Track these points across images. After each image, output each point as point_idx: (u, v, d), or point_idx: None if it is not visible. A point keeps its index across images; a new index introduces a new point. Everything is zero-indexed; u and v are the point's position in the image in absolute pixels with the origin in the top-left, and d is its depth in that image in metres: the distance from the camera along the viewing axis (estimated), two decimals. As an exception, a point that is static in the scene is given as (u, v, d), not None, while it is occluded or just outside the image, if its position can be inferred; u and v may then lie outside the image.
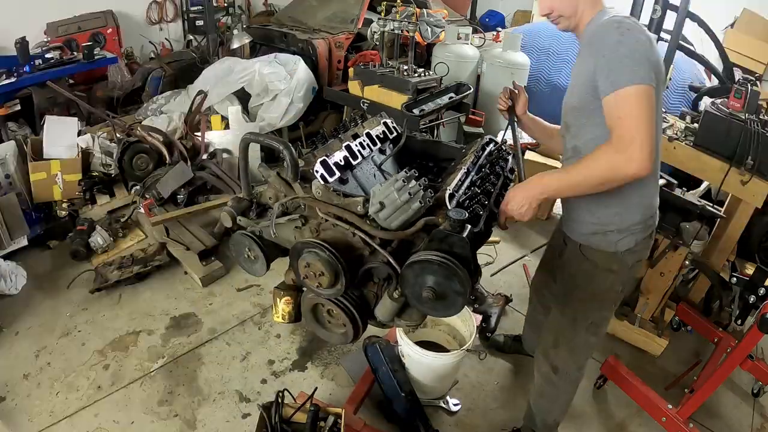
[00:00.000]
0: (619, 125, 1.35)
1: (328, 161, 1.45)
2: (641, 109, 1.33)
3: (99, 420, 2.36)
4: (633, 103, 1.33)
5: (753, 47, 4.88)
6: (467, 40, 4.55)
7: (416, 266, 1.18)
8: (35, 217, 3.54)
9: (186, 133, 4.46)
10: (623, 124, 1.34)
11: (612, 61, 1.36)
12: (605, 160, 1.37)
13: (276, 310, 2.62)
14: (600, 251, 1.69)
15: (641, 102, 1.33)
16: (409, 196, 1.16)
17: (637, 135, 1.32)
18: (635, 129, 1.32)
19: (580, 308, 1.83)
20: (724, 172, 2.53)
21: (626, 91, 1.33)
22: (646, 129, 1.32)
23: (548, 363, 2.00)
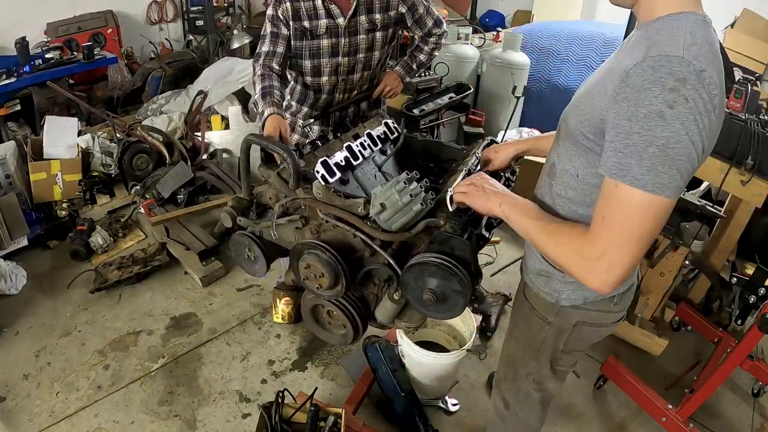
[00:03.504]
0: (600, 226, 1.01)
1: (328, 162, 1.45)
2: (637, 227, 0.98)
3: (99, 420, 2.36)
4: (631, 215, 0.97)
5: (753, 47, 4.87)
6: (467, 40, 4.55)
7: (416, 269, 1.18)
8: (35, 217, 3.54)
9: (186, 133, 4.46)
10: (603, 230, 1.01)
11: (636, 138, 0.94)
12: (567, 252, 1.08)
13: (276, 311, 2.62)
14: (540, 296, 1.39)
15: (643, 219, 0.97)
16: (410, 197, 1.16)
17: (612, 254, 1.00)
18: (613, 246, 0.99)
19: (517, 351, 1.57)
20: (724, 172, 2.53)
21: (630, 195, 0.96)
22: (630, 254, 0.99)
23: (500, 396, 1.73)
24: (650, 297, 2.80)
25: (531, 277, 1.42)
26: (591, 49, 4.52)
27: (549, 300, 1.37)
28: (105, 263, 3.27)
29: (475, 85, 4.58)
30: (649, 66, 0.93)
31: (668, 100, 0.91)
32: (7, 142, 3.74)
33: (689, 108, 0.91)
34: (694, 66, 0.92)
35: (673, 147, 0.92)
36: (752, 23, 5.09)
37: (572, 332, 1.39)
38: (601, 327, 1.39)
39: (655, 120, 0.92)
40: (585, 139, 1.13)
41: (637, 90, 0.94)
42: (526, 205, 1.20)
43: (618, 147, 0.97)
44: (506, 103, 4.41)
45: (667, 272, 2.67)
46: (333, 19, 2.13)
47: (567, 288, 1.32)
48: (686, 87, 0.91)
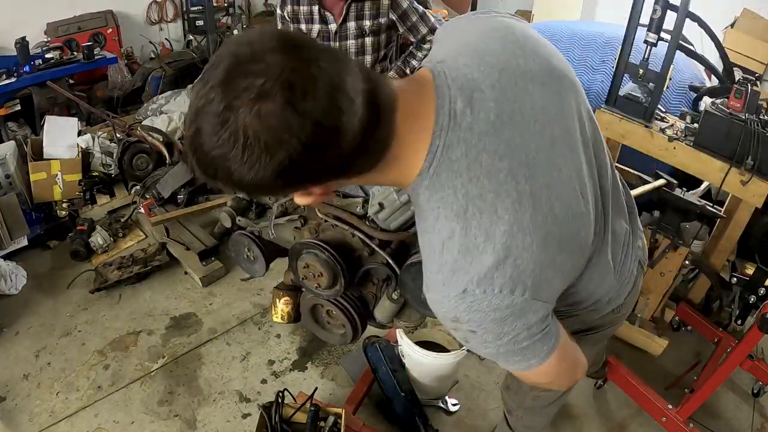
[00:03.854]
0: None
1: (327, 162, 1.45)
2: (560, 372, 0.98)
3: (99, 420, 2.36)
4: (550, 375, 0.96)
5: (753, 47, 4.87)
6: (467, 40, 4.55)
7: (414, 268, 1.18)
8: (35, 217, 3.54)
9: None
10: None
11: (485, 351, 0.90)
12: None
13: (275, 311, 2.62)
14: None
15: (544, 376, 0.96)
16: (408, 197, 1.16)
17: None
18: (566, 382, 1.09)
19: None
20: (724, 172, 2.53)
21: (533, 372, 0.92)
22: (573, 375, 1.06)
23: (505, 401, 1.78)
24: (650, 297, 2.80)
25: None
26: (591, 49, 4.51)
27: None
28: (105, 263, 3.27)
29: (475, 85, 4.57)
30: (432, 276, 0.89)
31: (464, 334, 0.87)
32: (7, 142, 3.74)
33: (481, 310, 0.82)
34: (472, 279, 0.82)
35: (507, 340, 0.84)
36: (752, 23, 5.09)
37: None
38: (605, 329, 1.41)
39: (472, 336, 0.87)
40: None
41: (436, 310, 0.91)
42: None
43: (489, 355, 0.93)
44: (506, 103, 4.40)
45: (667, 272, 2.67)
46: (326, 24, 2.29)
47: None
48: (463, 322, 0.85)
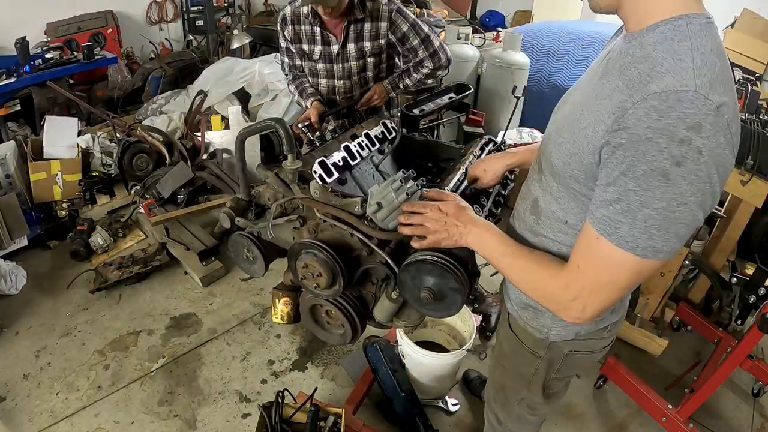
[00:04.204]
0: (573, 271, 0.95)
1: (326, 162, 1.45)
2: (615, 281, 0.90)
3: (99, 420, 2.36)
4: (610, 273, 0.89)
5: (753, 47, 4.87)
6: (467, 40, 4.55)
7: (413, 267, 1.18)
8: (35, 217, 3.55)
9: (186, 133, 4.47)
10: (578, 278, 0.94)
11: (631, 196, 0.81)
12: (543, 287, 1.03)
13: (275, 311, 2.62)
14: (527, 332, 1.30)
15: (624, 277, 0.89)
16: (406, 196, 1.16)
17: (586, 298, 0.94)
18: (587, 292, 0.93)
19: (507, 379, 1.48)
20: (724, 172, 2.53)
21: (614, 252, 0.86)
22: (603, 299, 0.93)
23: (493, 412, 1.65)
24: (650, 297, 2.80)
25: (516, 309, 1.31)
26: (591, 49, 4.51)
27: (537, 336, 1.27)
28: (105, 263, 3.27)
29: (475, 85, 4.57)
30: (653, 108, 0.76)
31: (675, 156, 0.75)
32: (7, 142, 3.75)
33: (701, 163, 0.76)
34: (711, 102, 0.75)
35: (675, 211, 0.79)
36: (752, 23, 5.08)
37: (564, 361, 1.31)
38: (593, 353, 1.32)
39: (657, 179, 0.77)
40: (576, 182, 0.99)
41: (638, 139, 0.78)
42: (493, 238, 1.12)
43: (608, 198, 0.85)
44: (506, 103, 4.40)
45: (667, 272, 2.67)
46: (328, 46, 2.30)
47: (557, 325, 1.23)
48: (701, 135, 0.75)
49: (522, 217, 1.22)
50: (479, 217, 1.17)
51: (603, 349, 1.32)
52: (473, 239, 1.13)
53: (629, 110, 0.78)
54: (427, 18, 3.94)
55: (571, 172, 0.98)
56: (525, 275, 1.07)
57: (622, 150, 0.80)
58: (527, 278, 1.07)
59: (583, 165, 0.93)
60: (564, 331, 1.24)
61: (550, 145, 1.05)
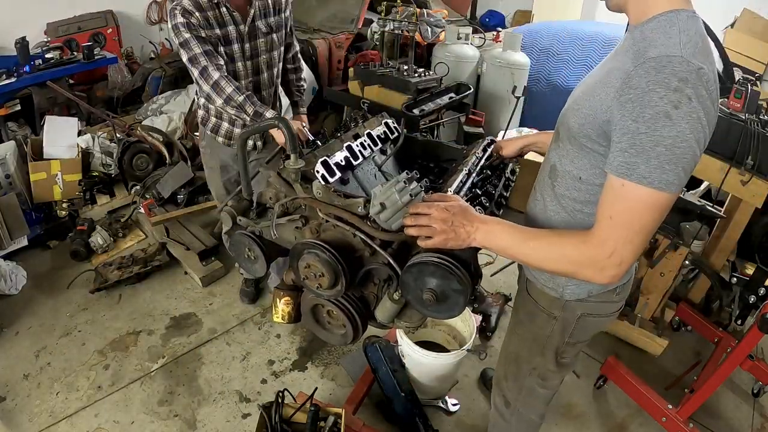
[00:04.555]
0: (607, 225, 1.05)
1: (329, 161, 1.45)
2: (643, 223, 1.02)
3: (99, 420, 2.36)
4: (637, 211, 1.01)
5: (753, 47, 4.88)
6: (467, 40, 4.55)
7: (416, 268, 1.18)
8: (35, 217, 3.55)
9: (186, 133, 4.46)
10: (612, 229, 1.04)
11: (643, 138, 0.97)
12: (571, 256, 1.10)
13: (276, 311, 2.62)
14: (544, 292, 1.42)
15: (648, 214, 1.01)
16: (410, 197, 1.16)
17: (622, 250, 1.04)
18: (623, 242, 1.03)
19: (521, 348, 1.59)
20: (724, 172, 2.53)
21: (637, 192, 0.99)
22: (638, 247, 1.04)
23: (501, 394, 1.76)
24: (650, 297, 2.80)
25: (534, 273, 1.44)
26: (591, 49, 4.52)
27: (553, 295, 1.39)
28: (105, 263, 3.27)
29: (475, 85, 4.58)
30: (651, 67, 0.97)
31: (673, 101, 0.94)
32: (7, 142, 3.74)
33: (692, 108, 0.94)
34: (692, 64, 0.95)
35: (679, 146, 0.96)
36: (752, 23, 5.09)
37: (577, 324, 1.42)
38: (603, 317, 1.43)
39: (662, 120, 0.95)
40: (588, 140, 1.14)
41: (642, 92, 0.96)
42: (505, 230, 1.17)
43: (624, 147, 1.00)
44: (506, 103, 4.41)
45: (667, 272, 2.67)
46: (236, 26, 2.22)
47: (571, 283, 1.35)
48: (689, 86, 0.94)
49: (542, 185, 1.37)
50: (484, 215, 1.20)
51: (613, 313, 1.44)
52: (482, 237, 1.16)
53: (632, 73, 0.99)
54: (426, 18, 3.94)
55: (585, 131, 1.14)
56: (553, 250, 1.13)
57: (630, 103, 0.98)
58: (557, 252, 1.12)
59: (596, 124, 1.10)
60: (578, 290, 1.35)
61: (568, 113, 1.22)
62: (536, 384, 1.61)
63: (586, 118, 1.12)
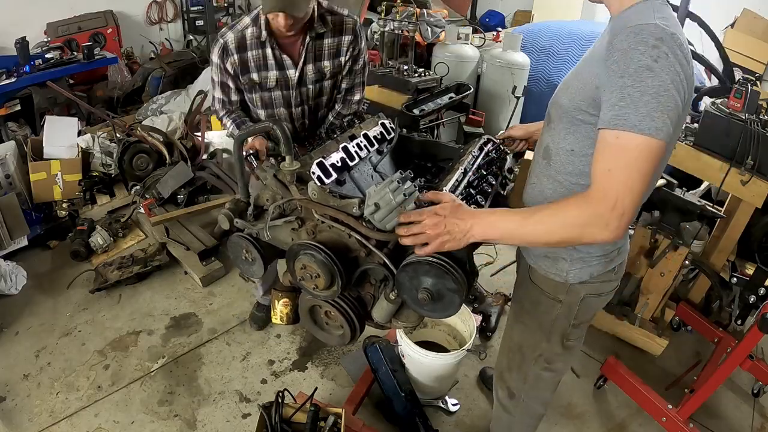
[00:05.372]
0: (605, 179, 1.08)
1: (324, 163, 1.45)
2: (639, 169, 1.06)
3: (99, 420, 2.36)
4: (632, 159, 1.05)
5: (753, 47, 4.87)
6: (467, 40, 4.55)
7: (411, 268, 1.18)
8: (35, 217, 3.55)
9: (186, 133, 4.47)
10: (611, 180, 1.07)
11: (630, 90, 1.04)
12: (575, 219, 1.10)
13: (274, 312, 2.62)
14: (548, 278, 1.47)
15: (643, 161, 1.05)
16: (404, 197, 1.16)
17: (624, 200, 1.06)
18: (623, 192, 1.06)
19: (526, 336, 1.63)
20: (724, 172, 2.53)
21: (630, 140, 1.05)
22: (637, 195, 1.07)
23: (505, 386, 1.79)
24: (650, 297, 2.79)
25: (536, 261, 1.49)
26: (591, 49, 4.51)
27: (558, 280, 1.45)
28: (105, 263, 3.27)
29: (475, 85, 4.57)
30: (630, 32, 1.08)
31: (653, 56, 1.04)
32: (7, 142, 3.76)
33: (670, 62, 1.04)
34: (666, 30, 1.06)
35: (663, 95, 1.04)
36: (752, 23, 5.09)
37: (581, 305, 1.48)
38: (604, 296, 1.51)
39: (645, 72, 1.04)
40: (580, 112, 1.22)
41: (625, 52, 1.07)
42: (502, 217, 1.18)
43: (614, 101, 1.07)
44: (506, 103, 4.40)
45: (667, 272, 2.67)
46: (284, 71, 2.03)
47: (574, 267, 1.41)
48: (665, 44, 1.05)
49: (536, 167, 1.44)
50: (477, 209, 1.22)
51: (611, 291, 1.52)
52: (479, 230, 1.16)
53: (614, 40, 1.10)
54: (426, 18, 3.93)
55: (577, 103, 1.22)
56: (556, 218, 1.13)
57: (615, 64, 1.08)
58: (560, 219, 1.13)
59: (587, 94, 1.18)
60: (581, 273, 1.41)
61: (558, 94, 1.32)
62: (542, 370, 1.65)
63: (576, 92, 1.22)
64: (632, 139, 1.05)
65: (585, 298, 1.47)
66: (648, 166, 1.06)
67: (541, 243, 1.27)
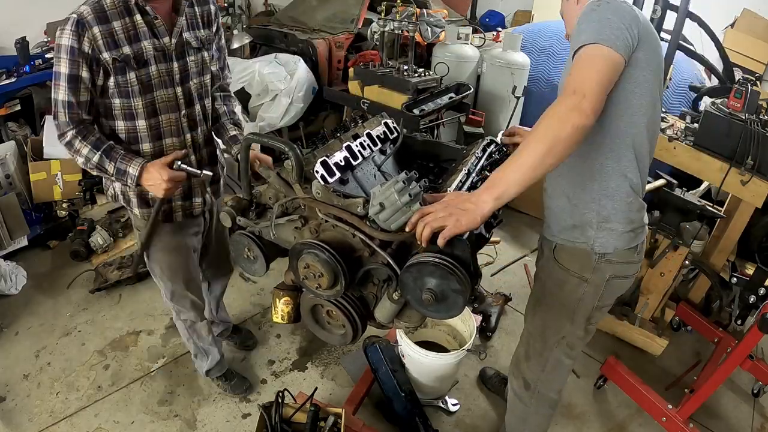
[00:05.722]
0: (570, 80, 1.27)
1: (328, 161, 1.45)
2: (593, 67, 1.26)
3: (99, 420, 2.36)
4: (587, 61, 1.27)
5: (753, 47, 4.88)
6: (467, 40, 4.54)
7: (415, 268, 1.18)
8: (35, 217, 3.55)
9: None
10: (573, 78, 1.26)
11: (582, 25, 1.32)
12: (552, 116, 1.23)
13: (275, 311, 2.62)
14: (575, 253, 1.56)
15: (596, 60, 1.26)
16: (409, 197, 1.16)
17: (582, 86, 1.23)
18: (580, 81, 1.24)
19: (549, 319, 1.70)
20: (724, 172, 2.53)
21: (584, 50, 1.28)
22: (595, 83, 1.24)
23: (520, 377, 1.88)
24: (650, 297, 2.80)
25: (564, 235, 1.58)
26: (591, 49, 4.51)
27: (584, 249, 1.54)
28: (105, 263, 3.27)
29: (475, 85, 4.57)
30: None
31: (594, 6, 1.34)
32: (7, 142, 3.74)
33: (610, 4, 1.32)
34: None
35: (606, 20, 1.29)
36: (752, 23, 5.10)
37: (606, 287, 1.58)
38: (626, 278, 1.61)
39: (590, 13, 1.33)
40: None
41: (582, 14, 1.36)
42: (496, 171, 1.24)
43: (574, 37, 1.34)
44: (506, 103, 4.40)
45: (667, 272, 2.68)
46: (158, 39, 1.67)
47: (600, 234, 1.51)
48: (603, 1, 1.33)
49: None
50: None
51: (633, 276, 1.62)
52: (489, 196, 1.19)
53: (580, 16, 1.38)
54: (426, 18, 3.93)
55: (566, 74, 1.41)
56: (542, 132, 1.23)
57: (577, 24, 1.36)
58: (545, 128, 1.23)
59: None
60: (606, 242, 1.52)
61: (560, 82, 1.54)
62: (563, 355, 1.74)
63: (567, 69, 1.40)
64: (587, 49, 1.28)
65: (610, 280, 1.56)
66: (601, 65, 1.26)
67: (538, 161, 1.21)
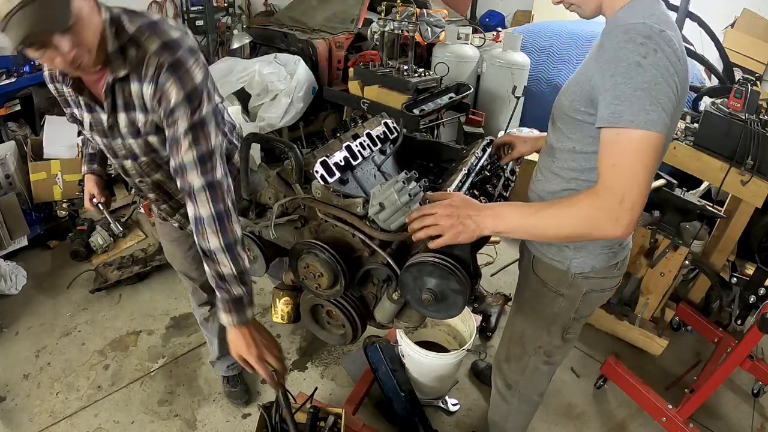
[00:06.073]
0: (611, 174, 1.10)
1: (328, 161, 1.45)
2: (642, 163, 1.08)
3: (99, 420, 2.36)
4: (634, 153, 1.08)
5: (753, 47, 4.89)
6: (467, 40, 4.55)
7: (415, 268, 1.18)
8: (35, 217, 3.55)
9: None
10: (617, 175, 1.09)
11: (623, 87, 1.08)
12: (586, 213, 1.11)
13: (275, 311, 2.61)
14: (551, 269, 1.49)
15: (645, 154, 1.08)
16: (409, 197, 1.16)
17: (631, 194, 1.08)
18: (629, 186, 1.08)
19: (527, 327, 1.66)
20: (724, 172, 2.53)
21: (629, 135, 1.08)
22: (643, 189, 1.09)
23: (502, 377, 1.85)
24: (650, 297, 2.80)
25: (541, 248, 1.51)
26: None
27: (560, 268, 1.47)
28: (105, 263, 3.27)
29: (475, 85, 4.57)
30: (620, 32, 1.12)
31: (641, 53, 1.08)
32: (7, 142, 3.74)
33: (659, 57, 1.08)
34: (654, 27, 1.10)
35: (654, 89, 1.07)
36: (752, 23, 5.10)
37: (582, 300, 1.52)
38: (605, 292, 1.54)
39: (635, 69, 1.08)
40: (578, 113, 1.25)
41: (615, 51, 1.11)
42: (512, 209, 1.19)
43: (609, 100, 1.11)
44: (506, 103, 4.41)
45: (667, 272, 2.67)
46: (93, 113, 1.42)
47: (578, 256, 1.43)
48: (653, 41, 1.08)
49: (541, 164, 1.48)
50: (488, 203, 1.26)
51: (611, 288, 1.56)
52: (492, 222, 1.17)
53: (605, 42, 1.16)
54: (426, 18, 3.93)
55: (575, 106, 1.26)
56: (567, 212, 1.14)
57: (606, 63, 1.12)
58: (571, 214, 1.13)
59: (583, 95, 1.22)
60: (583, 264, 1.44)
61: (560, 97, 1.37)
62: (541, 362, 1.69)
63: (574, 93, 1.26)
64: (631, 134, 1.08)
65: (587, 293, 1.50)
66: (651, 159, 1.09)
67: (551, 236, 1.25)
